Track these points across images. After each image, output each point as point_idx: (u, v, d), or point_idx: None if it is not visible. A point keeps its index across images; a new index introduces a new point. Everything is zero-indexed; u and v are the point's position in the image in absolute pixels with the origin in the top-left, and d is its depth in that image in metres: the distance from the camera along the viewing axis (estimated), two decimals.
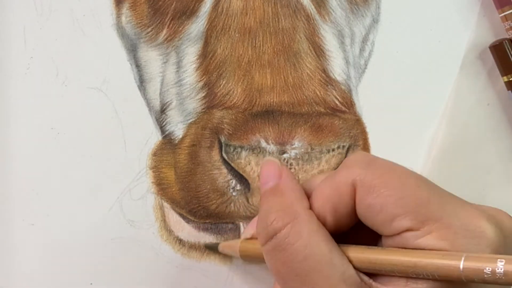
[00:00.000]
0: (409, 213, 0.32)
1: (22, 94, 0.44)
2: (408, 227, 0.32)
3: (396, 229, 0.33)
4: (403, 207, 0.32)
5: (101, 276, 0.44)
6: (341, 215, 0.35)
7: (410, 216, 0.32)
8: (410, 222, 0.32)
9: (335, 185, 0.35)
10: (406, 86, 0.46)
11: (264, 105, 0.43)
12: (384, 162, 0.35)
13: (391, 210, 0.32)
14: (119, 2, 0.45)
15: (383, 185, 0.33)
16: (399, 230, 0.32)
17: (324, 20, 0.44)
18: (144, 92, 0.45)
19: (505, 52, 0.44)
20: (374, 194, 0.33)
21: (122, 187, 0.44)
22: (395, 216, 0.32)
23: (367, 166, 0.34)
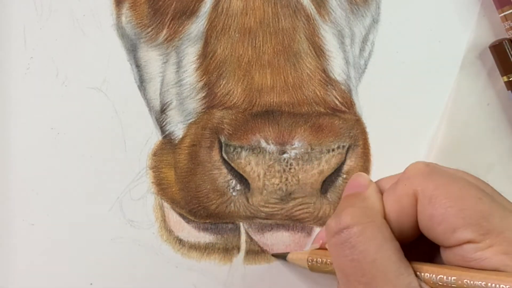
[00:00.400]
0: (471, 225, 0.32)
1: (22, 94, 0.44)
2: (469, 239, 0.32)
3: (457, 240, 0.32)
4: (464, 219, 0.32)
5: (101, 276, 0.44)
6: (404, 226, 0.35)
7: (472, 228, 0.32)
8: (472, 234, 0.32)
9: (397, 197, 0.35)
10: (406, 86, 0.46)
11: (264, 105, 0.43)
12: (445, 171, 0.35)
13: (452, 221, 0.32)
14: (119, 2, 0.45)
15: (444, 195, 0.33)
16: (460, 241, 0.32)
17: (324, 20, 0.44)
18: (144, 92, 0.45)
19: (505, 52, 0.44)
20: (435, 205, 0.33)
21: (122, 187, 0.44)
22: (456, 227, 0.32)
23: (428, 176, 0.34)
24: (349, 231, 0.34)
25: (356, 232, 0.34)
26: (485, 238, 0.32)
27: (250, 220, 0.44)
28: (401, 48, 0.46)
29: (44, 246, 0.44)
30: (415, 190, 0.34)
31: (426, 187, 0.34)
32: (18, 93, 0.44)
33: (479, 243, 0.32)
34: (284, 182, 0.43)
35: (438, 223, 0.33)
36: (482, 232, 0.32)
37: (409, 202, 0.34)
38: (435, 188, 0.33)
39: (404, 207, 0.34)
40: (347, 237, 0.34)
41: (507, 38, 0.44)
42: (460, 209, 0.32)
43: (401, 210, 0.35)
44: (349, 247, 0.34)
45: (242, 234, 0.45)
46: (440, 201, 0.33)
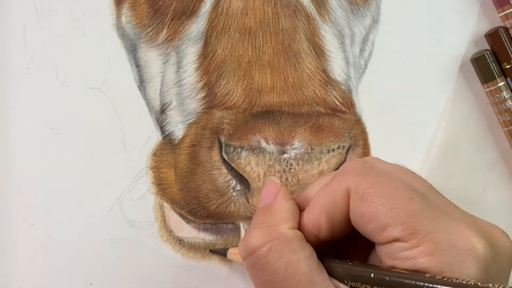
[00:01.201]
0: (399, 224, 0.32)
1: (22, 94, 0.44)
2: (396, 237, 0.32)
3: (386, 238, 0.33)
4: (393, 218, 0.33)
5: (101, 276, 0.44)
6: (336, 222, 0.35)
7: (400, 227, 0.32)
8: (400, 233, 0.32)
9: (330, 192, 0.35)
10: (406, 86, 0.46)
11: (264, 105, 0.43)
12: (380, 171, 0.35)
13: (382, 219, 0.33)
14: (119, 2, 0.45)
15: (376, 194, 0.33)
16: (389, 239, 0.33)
17: (324, 20, 0.44)
18: (144, 92, 0.45)
19: (500, 39, 0.44)
20: (367, 203, 0.33)
21: (122, 187, 0.44)
22: (385, 226, 0.33)
23: (362, 174, 0.35)
24: (257, 253, 0.35)
25: (263, 253, 0.34)
26: (412, 238, 0.32)
27: (250, 220, 0.44)
28: (401, 48, 0.46)
29: (44, 246, 0.44)
30: (348, 187, 0.34)
31: (359, 185, 0.34)
32: (18, 93, 0.44)
33: (406, 243, 0.32)
34: (284, 182, 0.43)
35: (369, 220, 0.33)
36: (410, 232, 0.32)
37: (342, 198, 0.35)
38: (368, 186, 0.34)
39: (336, 202, 0.35)
40: (256, 260, 0.35)
41: (502, 26, 0.44)
42: (391, 208, 0.33)
43: (334, 206, 0.35)
44: (260, 269, 0.34)
45: (242, 234, 0.45)
46: (372, 200, 0.33)
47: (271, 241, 0.35)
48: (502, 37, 0.44)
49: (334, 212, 0.35)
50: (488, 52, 0.44)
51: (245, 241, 0.35)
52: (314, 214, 0.36)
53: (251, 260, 0.35)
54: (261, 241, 0.35)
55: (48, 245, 0.44)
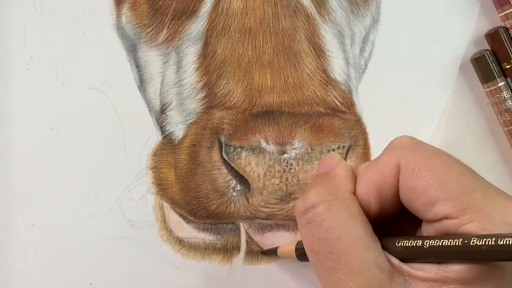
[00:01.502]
0: (451, 199, 0.32)
1: (22, 94, 0.44)
2: (448, 213, 0.32)
3: (436, 214, 0.32)
4: (445, 192, 0.32)
5: (101, 276, 0.44)
6: (385, 197, 0.35)
7: (452, 202, 0.32)
8: (451, 209, 0.32)
9: (379, 167, 0.35)
10: (406, 86, 0.46)
11: (264, 105, 0.43)
12: (430, 146, 0.35)
13: (433, 193, 0.32)
14: (119, 2, 0.45)
15: (427, 168, 0.33)
16: (439, 215, 0.32)
17: (324, 20, 0.44)
18: (144, 92, 0.45)
19: (500, 39, 0.44)
20: (417, 177, 0.33)
21: (122, 187, 0.44)
22: (436, 200, 0.32)
23: (412, 149, 0.34)
24: (315, 210, 0.34)
25: (321, 210, 0.34)
26: (464, 213, 0.31)
27: (250, 221, 0.44)
28: (401, 48, 0.46)
29: (44, 246, 0.44)
30: (398, 161, 0.34)
31: (410, 159, 0.33)
32: (18, 93, 0.44)
33: (457, 219, 0.31)
34: (284, 182, 0.43)
35: (419, 195, 0.33)
36: (462, 207, 0.31)
37: (392, 172, 0.34)
38: (419, 160, 0.33)
39: (386, 177, 0.34)
40: (313, 216, 0.34)
41: (502, 26, 0.44)
42: (442, 182, 0.32)
43: (382, 180, 0.34)
44: (315, 225, 0.34)
45: (242, 235, 0.45)
46: (423, 173, 0.33)
47: (331, 200, 0.34)
48: (502, 37, 0.44)
49: (383, 187, 0.34)
50: (488, 52, 0.44)
51: (304, 198, 0.35)
52: (363, 189, 0.35)
53: (308, 216, 0.34)
54: (321, 198, 0.34)
55: (48, 245, 0.44)
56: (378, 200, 0.35)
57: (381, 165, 0.35)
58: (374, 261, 0.33)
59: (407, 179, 0.33)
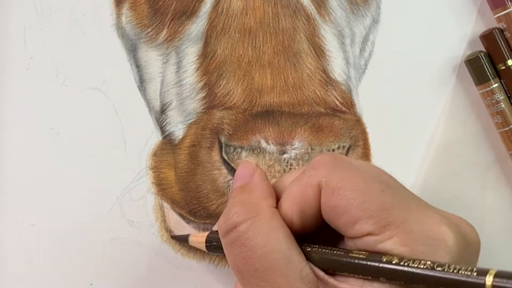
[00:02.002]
0: (372, 217, 0.32)
1: (22, 94, 0.44)
2: (369, 231, 0.33)
3: (358, 232, 0.33)
4: (365, 211, 0.33)
5: (101, 276, 0.44)
6: (307, 215, 0.35)
7: (372, 220, 0.32)
8: (372, 226, 0.32)
9: (302, 187, 0.35)
10: (406, 86, 0.46)
11: (264, 106, 0.43)
12: (350, 164, 0.35)
13: (354, 213, 0.33)
14: (119, 2, 0.45)
15: (347, 187, 0.33)
16: (361, 233, 0.33)
17: (324, 20, 0.44)
18: (144, 93, 0.45)
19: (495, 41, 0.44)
20: (338, 197, 0.33)
21: (122, 187, 0.44)
22: (357, 219, 0.33)
23: (333, 168, 0.35)
24: (237, 230, 0.35)
25: (244, 229, 0.34)
26: (385, 230, 0.32)
27: None
28: (402, 48, 0.45)
29: (44, 246, 0.44)
30: (319, 181, 0.34)
31: (330, 179, 0.34)
32: (18, 93, 0.44)
33: (378, 235, 0.32)
34: None
35: (341, 214, 0.33)
36: (383, 224, 0.32)
37: (313, 192, 0.35)
38: (340, 180, 0.34)
39: (308, 197, 0.35)
40: (236, 236, 0.35)
41: (497, 27, 0.44)
42: (362, 201, 0.33)
43: (305, 200, 0.35)
44: (238, 245, 0.34)
45: None
46: (344, 193, 0.33)
47: (252, 218, 0.35)
48: (497, 38, 0.44)
49: (305, 207, 0.35)
50: (482, 54, 0.44)
51: (226, 218, 0.36)
52: (286, 209, 0.36)
53: (231, 236, 0.35)
54: (242, 218, 0.35)
55: (48, 245, 0.44)
56: (301, 219, 0.35)
57: (302, 185, 0.35)
58: (299, 275, 0.33)
59: (328, 199, 0.34)
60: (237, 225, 0.35)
